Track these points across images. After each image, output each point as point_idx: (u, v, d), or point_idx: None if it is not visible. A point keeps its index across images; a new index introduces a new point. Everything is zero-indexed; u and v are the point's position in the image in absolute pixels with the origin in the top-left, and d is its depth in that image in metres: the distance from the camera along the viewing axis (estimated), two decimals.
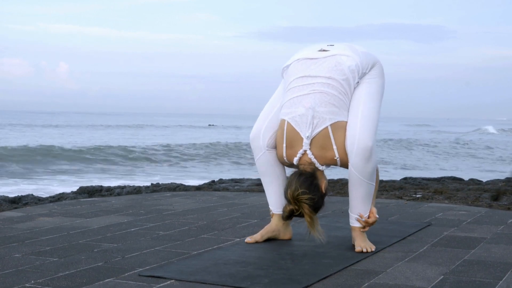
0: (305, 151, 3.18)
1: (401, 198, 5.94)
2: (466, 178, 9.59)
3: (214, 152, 22.32)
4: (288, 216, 3.17)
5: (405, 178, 9.12)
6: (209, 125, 62.87)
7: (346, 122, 3.18)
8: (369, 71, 3.29)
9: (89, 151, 19.84)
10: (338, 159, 3.18)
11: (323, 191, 3.16)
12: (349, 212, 3.33)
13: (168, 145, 23.43)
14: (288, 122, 3.22)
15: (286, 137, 3.23)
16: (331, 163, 3.22)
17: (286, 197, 3.14)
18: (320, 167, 3.20)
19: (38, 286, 2.56)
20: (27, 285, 2.57)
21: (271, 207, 3.49)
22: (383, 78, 3.35)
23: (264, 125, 3.41)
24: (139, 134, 36.78)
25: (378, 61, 3.35)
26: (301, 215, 3.13)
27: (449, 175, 10.27)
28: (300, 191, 3.07)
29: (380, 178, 9.12)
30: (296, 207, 3.10)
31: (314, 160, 3.18)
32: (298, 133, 3.19)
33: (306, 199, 3.06)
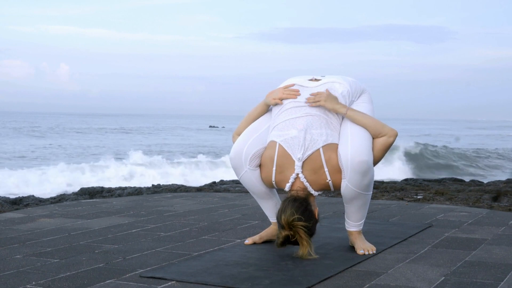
0: (297, 174, 3.11)
1: (402, 199, 5.94)
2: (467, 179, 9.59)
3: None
4: (282, 242, 3.03)
5: (406, 179, 9.12)
6: (210, 126, 62.90)
7: (337, 146, 3.14)
8: (357, 98, 3.35)
9: None
10: (330, 182, 3.12)
11: (316, 217, 3.09)
12: (345, 218, 3.32)
13: None
14: (279, 145, 3.16)
15: (277, 161, 3.15)
16: (324, 187, 3.16)
17: (279, 222, 3.02)
18: (314, 192, 3.14)
19: (39, 287, 2.56)
20: (28, 286, 2.57)
21: (269, 217, 3.46)
22: (372, 104, 3.39)
23: (248, 143, 3.27)
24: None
25: (367, 89, 3.42)
26: (296, 242, 3.02)
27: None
28: (295, 216, 2.96)
29: (382, 179, 9.13)
30: (292, 233, 2.98)
31: (307, 184, 3.12)
32: (289, 156, 3.13)
33: (301, 226, 2.97)
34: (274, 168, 3.17)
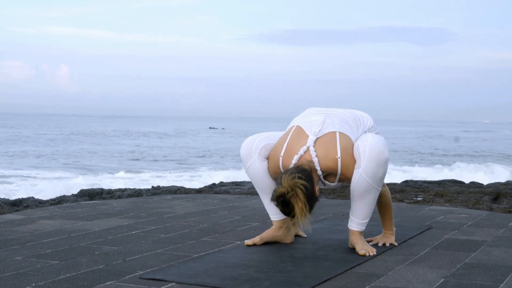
0: (308, 147, 3.14)
1: (402, 201, 5.93)
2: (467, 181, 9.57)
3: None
4: (277, 197, 2.99)
5: (406, 181, 9.10)
6: (210, 127, 62.97)
7: (353, 143, 3.22)
8: (374, 131, 3.47)
9: None
10: (339, 159, 3.12)
11: (316, 193, 3.07)
12: (350, 215, 3.31)
13: None
14: (297, 126, 3.25)
15: (291, 137, 3.21)
16: (330, 166, 3.14)
17: (279, 182, 3.01)
18: (319, 170, 3.14)
19: None
20: (28, 287, 2.57)
21: (271, 215, 3.46)
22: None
23: (260, 137, 3.37)
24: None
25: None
26: (290, 210, 2.99)
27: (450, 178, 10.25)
28: (296, 175, 2.97)
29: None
30: (289, 190, 2.95)
31: (315, 159, 3.11)
32: (305, 132, 3.19)
33: (301, 184, 2.96)
34: (286, 143, 3.22)
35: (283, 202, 2.99)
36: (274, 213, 3.43)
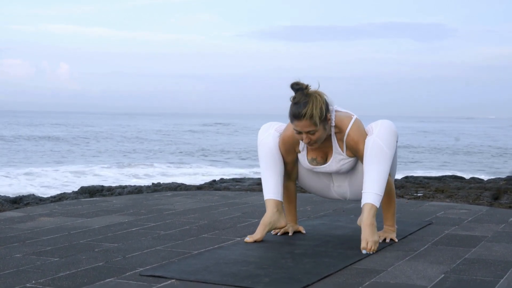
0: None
1: (402, 197, 5.94)
2: (467, 176, 9.57)
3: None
4: (297, 83, 3.19)
5: (406, 177, 9.10)
6: (210, 124, 63.04)
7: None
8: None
9: None
10: (354, 118, 3.30)
11: (328, 117, 3.24)
12: (363, 192, 3.26)
13: None
14: None
15: None
16: (345, 121, 3.29)
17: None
18: (333, 119, 3.28)
19: (39, 286, 2.56)
20: (28, 285, 2.57)
21: (266, 193, 3.46)
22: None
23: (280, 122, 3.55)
24: None
25: None
26: (299, 105, 3.14)
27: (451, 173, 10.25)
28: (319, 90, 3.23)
29: None
30: (308, 86, 3.18)
31: (333, 113, 3.29)
32: None
33: (320, 95, 3.19)
34: None
35: (299, 91, 3.18)
36: (271, 191, 3.44)
